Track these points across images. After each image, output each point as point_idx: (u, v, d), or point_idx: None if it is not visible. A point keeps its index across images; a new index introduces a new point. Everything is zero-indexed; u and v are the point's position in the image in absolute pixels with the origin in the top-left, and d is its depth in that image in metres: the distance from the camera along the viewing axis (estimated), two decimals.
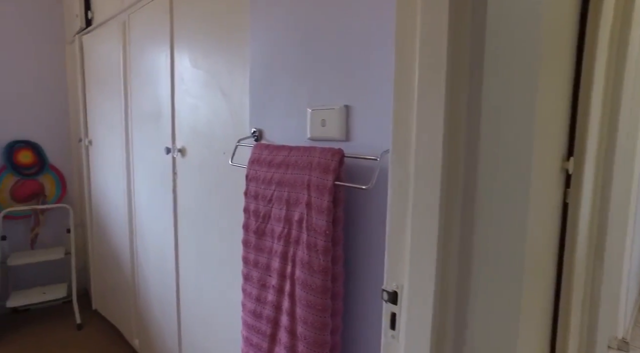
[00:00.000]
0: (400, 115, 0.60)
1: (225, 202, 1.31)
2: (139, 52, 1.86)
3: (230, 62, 1.26)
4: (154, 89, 1.73)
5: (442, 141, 0.54)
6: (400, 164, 0.60)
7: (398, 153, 0.61)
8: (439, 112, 0.54)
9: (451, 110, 0.54)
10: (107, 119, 2.22)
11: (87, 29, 2.37)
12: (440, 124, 0.54)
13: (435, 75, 0.54)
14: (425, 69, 0.55)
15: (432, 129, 0.55)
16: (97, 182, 2.42)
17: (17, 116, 2.60)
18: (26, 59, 2.62)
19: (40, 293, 2.50)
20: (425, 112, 0.56)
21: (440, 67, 0.53)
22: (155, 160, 1.76)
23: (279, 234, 0.88)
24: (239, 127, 1.24)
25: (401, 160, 0.60)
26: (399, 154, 0.61)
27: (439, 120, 0.54)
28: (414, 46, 0.56)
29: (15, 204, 2.57)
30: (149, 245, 1.90)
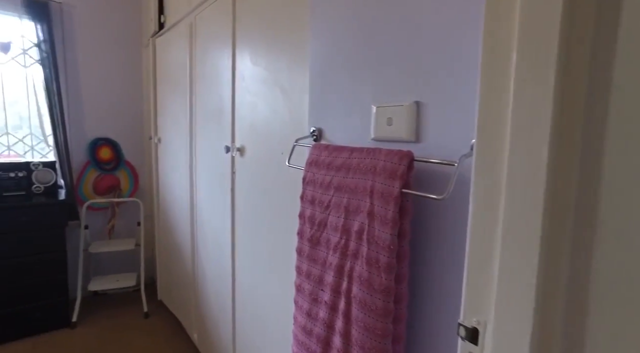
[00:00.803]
0: (489, 110, 0.48)
1: (281, 204, 1.25)
2: (203, 52, 1.88)
3: (290, 58, 1.20)
4: (216, 87, 1.74)
5: (550, 141, 0.42)
6: (488, 171, 0.48)
7: (484, 157, 0.49)
8: (545, 105, 0.42)
9: (563, 99, 0.41)
10: (174, 118, 2.30)
11: (160, 33, 2.47)
12: (547, 120, 0.41)
13: (541, 53, 0.41)
14: (527, 45, 0.42)
15: (536, 126, 0.42)
16: (164, 178, 2.52)
17: (99, 116, 2.80)
18: (108, 63, 2.81)
19: (114, 281, 2.67)
20: (525, 105, 0.43)
21: (550, 42, 0.40)
22: (215, 159, 1.77)
23: (335, 245, 0.79)
24: (297, 126, 1.17)
25: (489, 166, 0.48)
26: (485, 158, 0.49)
27: (545, 114, 0.42)
28: (511, 18, 0.44)
29: (96, 197, 2.77)
30: (208, 241, 1.92)
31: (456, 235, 0.69)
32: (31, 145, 2.67)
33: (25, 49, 2.56)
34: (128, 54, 2.87)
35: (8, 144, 2.60)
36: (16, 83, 2.61)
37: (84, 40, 2.72)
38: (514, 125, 0.45)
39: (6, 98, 2.57)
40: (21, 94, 2.63)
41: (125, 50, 2.86)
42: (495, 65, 0.48)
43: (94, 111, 2.78)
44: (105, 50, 2.80)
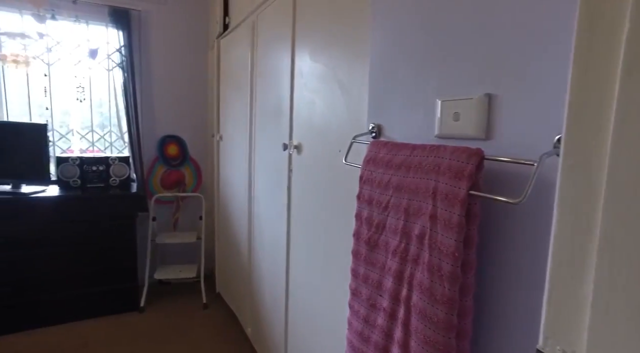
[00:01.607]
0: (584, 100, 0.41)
1: (337, 204, 1.22)
2: (264, 51, 1.91)
3: (350, 53, 1.16)
4: (275, 85, 1.75)
5: None
6: (581, 171, 0.41)
7: (576, 156, 0.42)
8: None
9: None
10: (235, 116, 2.37)
11: (224, 34, 2.56)
12: None
13: None
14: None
15: None
16: (225, 174, 2.61)
17: (168, 115, 2.97)
18: (177, 65, 2.97)
19: (177, 271, 2.82)
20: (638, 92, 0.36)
21: None
22: (273, 156, 1.78)
23: (395, 249, 0.74)
24: (356, 123, 1.13)
25: (582, 165, 0.41)
26: (577, 157, 0.41)
27: None
28: None
29: (163, 191, 2.94)
30: (264, 237, 1.95)
31: (534, 245, 0.61)
32: (110, 142, 2.91)
33: (109, 55, 2.79)
34: (195, 56, 3.02)
35: (92, 141, 2.85)
36: (101, 85, 2.85)
37: (157, 44, 2.90)
38: (620, 117, 0.37)
39: (93, 99, 2.81)
40: (104, 95, 2.87)
41: (193, 53, 3.01)
42: (594, 46, 0.40)
43: (163, 110, 2.96)
44: (175, 53, 2.96)
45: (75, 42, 2.69)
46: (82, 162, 2.57)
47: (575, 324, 0.40)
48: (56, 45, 2.65)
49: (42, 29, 2.54)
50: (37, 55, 2.60)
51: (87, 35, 2.72)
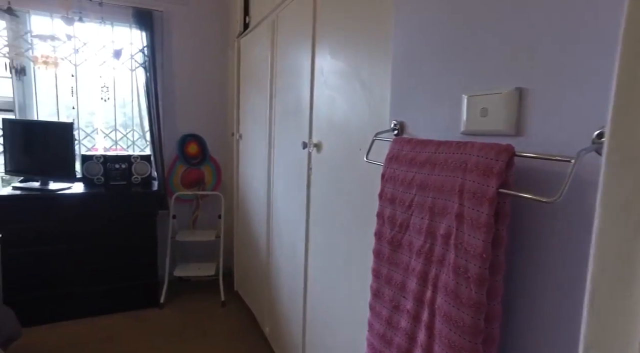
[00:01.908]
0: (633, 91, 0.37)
1: (358, 202, 1.19)
2: (284, 49, 1.90)
3: (371, 49, 1.14)
4: (295, 83, 1.74)
5: None
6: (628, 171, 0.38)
7: (623, 152, 0.38)
8: None
9: None
10: (255, 115, 2.37)
11: (244, 33, 2.57)
12: None
13: None
14: None
15: None
16: (244, 173, 2.61)
17: (188, 114, 3.01)
18: (197, 65, 3.00)
19: (196, 269, 2.84)
20: None
21: None
22: (293, 155, 1.77)
23: (419, 249, 0.71)
24: (377, 120, 1.11)
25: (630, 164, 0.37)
26: (625, 154, 0.38)
27: None
28: None
29: (183, 189, 2.98)
30: (283, 237, 1.94)
31: (569, 247, 0.57)
32: (132, 140, 2.96)
33: (132, 55, 2.84)
34: (215, 56, 3.04)
35: (115, 139, 2.91)
36: (125, 85, 2.91)
37: (179, 44, 2.94)
38: None
39: (117, 99, 2.87)
40: (127, 95, 2.93)
41: (213, 52, 3.03)
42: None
43: (184, 109, 3.00)
44: (196, 53, 2.99)
45: (100, 43, 2.75)
46: (106, 160, 2.62)
47: (623, 335, 0.37)
48: (83, 46, 2.71)
49: (70, 31, 2.60)
50: (65, 57, 2.67)
51: (111, 36, 2.78)
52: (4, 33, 2.55)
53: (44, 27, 2.68)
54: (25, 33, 2.61)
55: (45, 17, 2.65)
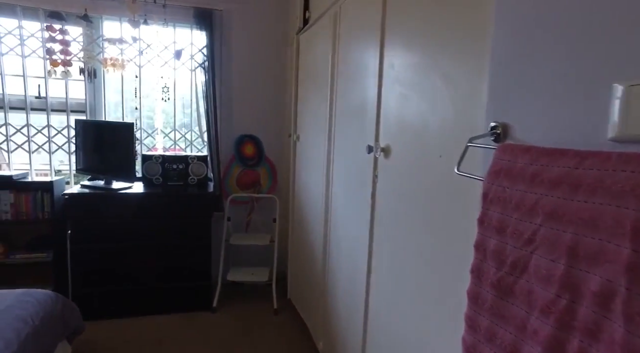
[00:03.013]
0: None
1: (441, 223, 0.99)
2: (347, 43, 1.73)
3: (456, 35, 0.94)
4: (360, 81, 1.57)
5: None
6: None
7: None
8: None
9: None
10: (313, 115, 2.23)
11: (304, 29, 2.44)
12: None
13: None
14: None
15: None
16: (300, 176, 2.49)
17: (245, 114, 2.95)
18: (255, 64, 2.93)
19: (249, 274, 2.77)
20: None
21: None
22: (355, 159, 1.60)
23: (547, 304, 0.50)
24: (465, 121, 0.90)
25: None
26: None
27: None
28: None
29: (238, 191, 2.93)
30: (342, 247, 1.77)
31: None
32: (190, 141, 2.96)
33: (192, 55, 2.84)
34: (273, 55, 2.95)
35: (174, 139, 2.93)
36: (184, 86, 2.92)
37: (237, 43, 2.89)
38: None
39: (177, 99, 2.89)
40: (187, 95, 2.94)
41: (272, 51, 2.95)
42: None
43: (241, 109, 2.94)
44: (254, 52, 2.92)
45: (162, 44, 2.78)
46: (164, 160, 2.63)
47: None
48: (146, 48, 2.75)
49: (135, 33, 2.65)
50: (131, 59, 2.72)
51: (173, 37, 2.79)
52: (79, 39, 2.64)
53: (113, 31, 2.75)
54: (97, 37, 2.69)
55: (115, 21, 2.72)
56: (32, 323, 1.67)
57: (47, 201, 2.48)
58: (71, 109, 2.74)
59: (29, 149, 2.68)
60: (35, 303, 1.79)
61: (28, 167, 2.70)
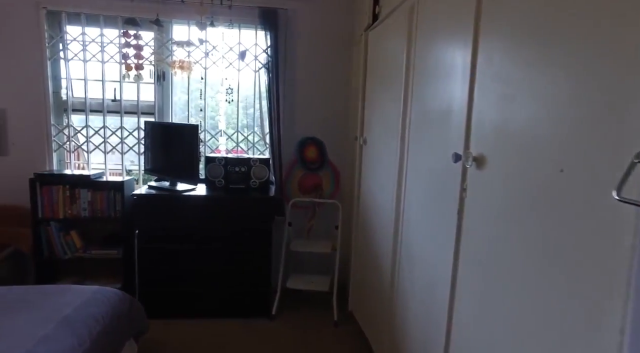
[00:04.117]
0: None
1: (561, 254, 0.79)
2: (427, 38, 1.55)
3: (602, 15, 0.73)
4: (442, 80, 1.38)
5: None
6: None
7: None
8: None
9: None
10: (383, 118, 2.07)
11: (373, 25, 2.28)
12: None
13: None
14: None
15: None
16: (367, 182, 2.34)
17: (308, 116, 2.86)
18: (320, 64, 2.83)
19: (309, 282, 2.67)
20: None
21: None
22: (435, 168, 1.42)
23: None
24: (602, 127, 0.70)
25: None
26: None
27: None
28: None
29: (300, 195, 2.84)
30: (415, 265, 1.59)
31: None
32: (253, 143, 2.93)
33: (256, 56, 2.80)
34: (339, 54, 2.83)
35: (237, 141, 2.91)
36: (248, 87, 2.90)
37: (301, 43, 2.81)
38: None
39: (240, 100, 2.87)
40: (250, 97, 2.91)
41: (337, 50, 2.83)
42: None
43: (304, 111, 2.85)
44: (318, 51, 2.82)
45: (227, 46, 2.77)
46: (227, 162, 2.61)
47: None
48: (212, 50, 2.76)
49: (202, 35, 2.66)
50: (197, 61, 2.74)
51: (238, 38, 2.77)
52: (151, 43, 2.71)
53: (181, 34, 2.79)
54: (166, 41, 2.74)
55: (183, 25, 2.76)
56: (103, 322, 1.69)
57: (118, 200, 2.57)
58: (142, 111, 2.82)
59: (104, 150, 2.80)
60: (106, 301, 1.83)
61: (103, 166, 2.82)
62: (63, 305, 1.71)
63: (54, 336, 1.50)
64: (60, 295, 1.81)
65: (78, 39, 2.68)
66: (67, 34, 2.68)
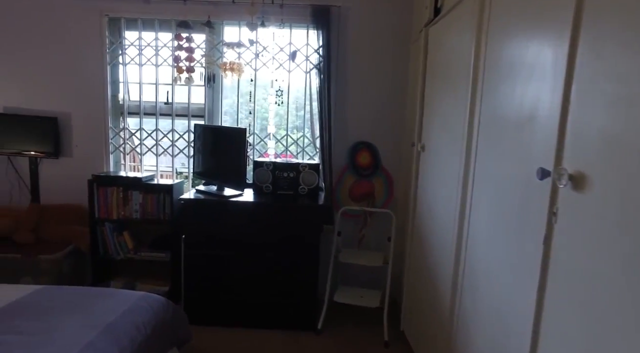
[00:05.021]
0: None
1: None
2: (501, 33, 1.34)
3: None
4: (523, 80, 1.17)
5: None
6: None
7: None
8: None
9: None
10: (445, 123, 1.86)
11: (435, 20, 2.07)
12: None
13: None
14: None
15: None
16: (424, 192, 2.13)
17: (361, 119, 2.70)
18: (374, 65, 2.67)
19: (358, 296, 2.51)
20: None
21: None
22: (511, 184, 1.20)
23: None
24: None
25: None
26: None
27: None
28: None
29: (351, 203, 2.68)
30: (482, 294, 1.38)
31: None
32: (302, 147, 2.82)
33: (307, 56, 2.69)
34: (395, 53, 2.65)
35: (286, 145, 2.82)
36: (298, 89, 2.80)
37: (354, 42, 2.66)
38: None
39: (290, 103, 2.78)
40: (300, 99, 2.81)
41: (392, 49, 2.65)
42: None
43: (357, 114, 2.70)
44: (373, 51, 2.66)
45: (277, 46, 2.68)
46: (275, 167, 2.52)
47: None
48: (262, 51, 2.68)
49: (252, 36, 2.60)
50: (247, 62, 2.69)
51: (289, 38, 2.68)
52: (202, 45, 2.70)
53: (232, 35, 2.75)
54: (217, 43, 2.72)
55: (234, 26, 2.71)
56: (145, 332, 1.66)
57: (167, 203, 2.57)
58: (192, 114, 2.82)
59: (156, 152, 2.83)
60: (149, 309, 1.80)
61: (154, 169, 2.85)
62: (108, 310, 1.70)
63: (97, 344, 1.48)
64: (106, 299, 1.80)
65: (135, 44, 2.73)
66: (126, 39, 2.74)
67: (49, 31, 2.71)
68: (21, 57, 2.74)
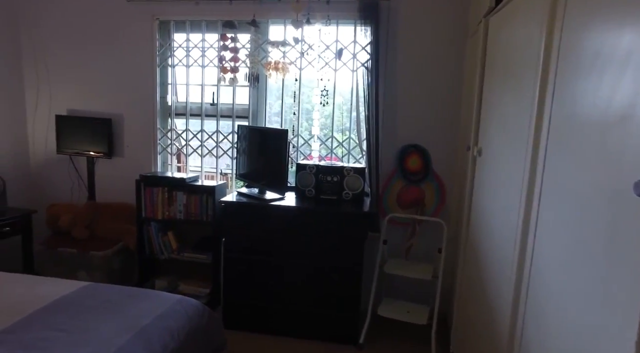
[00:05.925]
0: None
1: None
2: (580, 19, 1.12)
3: None
4: (612, 73, 0.95)
5: None
6: None
7: None
8: None
9: None
10: (505, 125, 1.65)
11: (497, 8, 1.85)
12: None
13: None
14: None
15: None
16: (480, 201, 1.91)
17: (411, 121, 2.54)
18: (426, 62, 2.50)
19: (404, 311, 2.33)
20: None
21: None
22: (595, 200, 0.99)
23: None
24: None
25: None
26: None
27: None
28: None
29: (399, 210, 2.52)
30: (551, 327, 1.17)
31: None
32: (348, 149, 2.69)
33: (354, 54, 2.56)
34: (449, 49, 2.44)
35: (331, 147, 2.71)
36: (344, 89, 2.68)
37: (405, 38, 2.49)
38: None
39: (336, 103, 2.66)
40: (347, 99, 2.68)
41: (447, 45, 2.44)
42: None
43: (406, 115, 2.53)
44: (424, 47, 2.47)
45: (323, 44, 2.58)
46: (318, 170, 2.41)
47: None
48: (308, 49, 2.59)
49: (298, 34, 2.51)
50: (292, 61, 2.61)
51: (335, 36, 2.56)
52: (247, 45, 2.66)
53: (277, 34, 2.69)
54: (262, 42, 2.67)
55: (279, 24, 2.65)
56: (178, 339, 1.63)
57: (209, 204, 2.56)
58: (237, 115, 2.79)
59: (201, 153, 2.84)
60: (184, 315, 1.77)
61: (199, 170, 2.87)
62: (144, 313, 1.69)
63: (129, 349, 1.46)
64: (143, 301, 1.80)
65: (182, 46, 2.75)
66: (174, 41, 2.78)
67: (105, 37, 2.82)
68: (82, 62, 2.88)
